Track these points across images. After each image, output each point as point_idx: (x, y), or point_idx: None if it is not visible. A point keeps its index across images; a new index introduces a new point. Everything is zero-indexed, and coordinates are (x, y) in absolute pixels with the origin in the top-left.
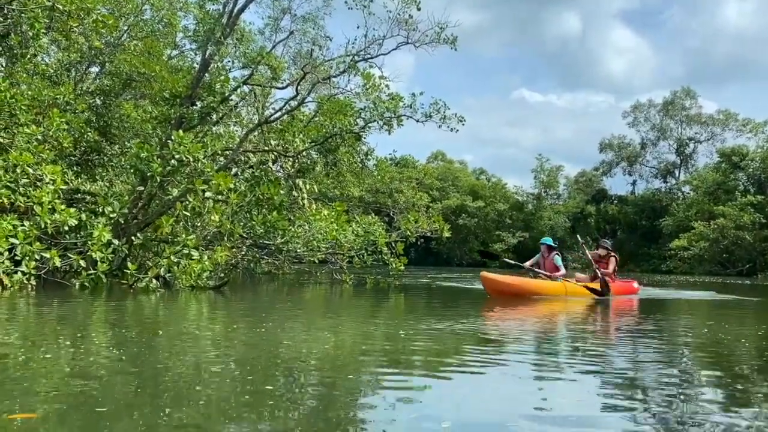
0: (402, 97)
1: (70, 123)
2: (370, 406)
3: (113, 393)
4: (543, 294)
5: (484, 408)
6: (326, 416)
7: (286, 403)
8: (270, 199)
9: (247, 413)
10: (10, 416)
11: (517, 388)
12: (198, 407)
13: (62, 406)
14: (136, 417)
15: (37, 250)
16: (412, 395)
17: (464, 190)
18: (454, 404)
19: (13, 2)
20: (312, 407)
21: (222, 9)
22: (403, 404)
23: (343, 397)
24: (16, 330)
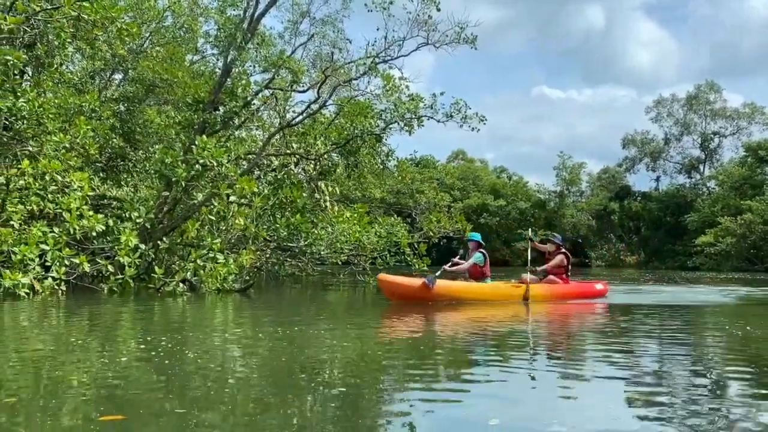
0: (422, 98)
1: (95, 130)
2: (399, 410)
3: (141, 395)
4: (458, 297)
5: (521, 407)
6: (356, 420)
7: (312, 405)
8: (293, 201)
9: (275, 415)
10: (101, 418)
11: (550, 388)
12: (226, 411)
13: (145, 408)
14: (163, 419)
15: (66, 255)
16: (442, 396)
17: (485, 189)
18: (491, 405)
19: (39, 13)
20: (340, 410)
21: (243, 14)
22: (436, 405)
23: (375, 400)
24: (53, 334)
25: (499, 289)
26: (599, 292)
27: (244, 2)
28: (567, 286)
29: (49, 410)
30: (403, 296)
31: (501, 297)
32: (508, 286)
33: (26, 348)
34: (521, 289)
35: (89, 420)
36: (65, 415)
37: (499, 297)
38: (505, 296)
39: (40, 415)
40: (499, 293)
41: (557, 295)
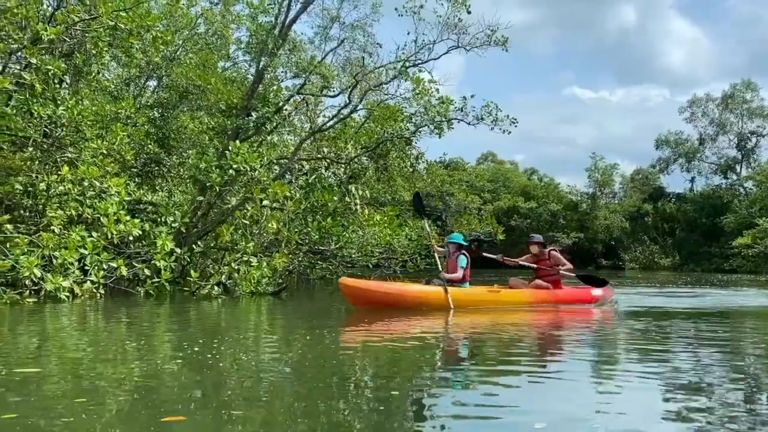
0: (452, 100)
1: (131, 136)
2: (435, 414)
3: (191, 396)
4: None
5: (564, 411)
6: (392, 425)
7: (346, 408)
8: (324, 205)
9: (310, 417)
10: (163, 419)
11: (589, 391)
12: (262, 414)
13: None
14: (219, 420)
15: (104, 259)
16: (483, 401)
17: (516, 191)
18: (533, 409)
19: (78, 23)
20: (374, 415)
21: (274, 20)
22: (478, 410)
23: (410, 404)
24: (96, 336)
25: (477, 295)
26: (597, 298)
27: (276, 9)
28: (558, 291)
29: (110, 412)
30: (369, 302)
31: (480, 303)
32: (486, 292)
33: (74, 350)
34: (501, 295)
35: (152, 421)
36: (127, 417)
37: (478, 303)
38: (485, 303)
39: (104, 416)
40: (477, 299)
41: (548, 300)
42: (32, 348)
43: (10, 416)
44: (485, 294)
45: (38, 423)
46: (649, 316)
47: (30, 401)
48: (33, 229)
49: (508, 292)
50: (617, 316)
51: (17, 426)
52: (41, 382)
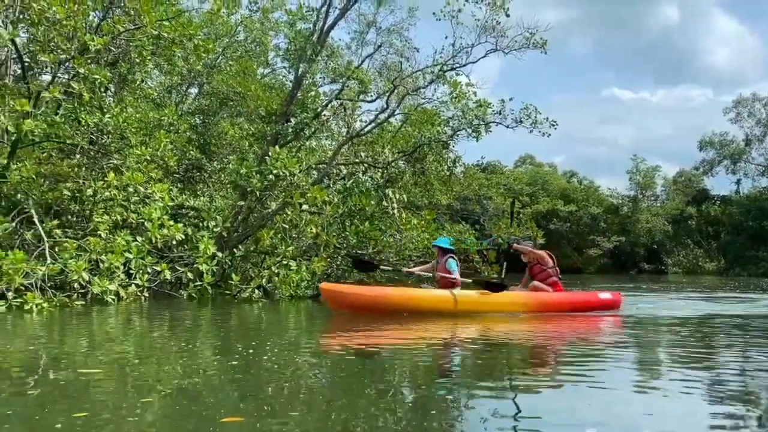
0: (490, 104)
1: (174, 142)
2: (476, 418)
3: (234, 398)
4: (417, 308)
5: (615, 416)
6: (432, 429)
7: (389, 411)
8: (362, 209)
9: (363, 419)
10: (222, 419)
11: (633, 397)
12: (316, 416)
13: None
14: (276, 421)
15: (149, 263)
16: (529, 405)
17: (555, 194)
18: (582, 414)
19: (122, 33)
20: (412, 418)
21: (312, 27)
22: (526, 414)
23: (451, 407)
24: (146, 338)
25: (467, 298)
26: (604, 303)
27: (314, 15)
28: (559, 295)
29: (173, 411)
30: (351, 306)
31: (470, 307)
32: (477, 296)
33: (126, 351)
34: (494, 298)
35: (211, 421)
36: (189, 416)
37: (467, 307)
38: (477, 306)
39: (167, 416)
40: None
41: (547, 305)
42: (88, 349)
43: (81, 414)
44: (477, 298)
45: (107, 421)
46: (695, 321)
47: (96, 400)
48: (80, 233)
49: (501, 295)
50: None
51: (89, 424)
52: (102, 382)
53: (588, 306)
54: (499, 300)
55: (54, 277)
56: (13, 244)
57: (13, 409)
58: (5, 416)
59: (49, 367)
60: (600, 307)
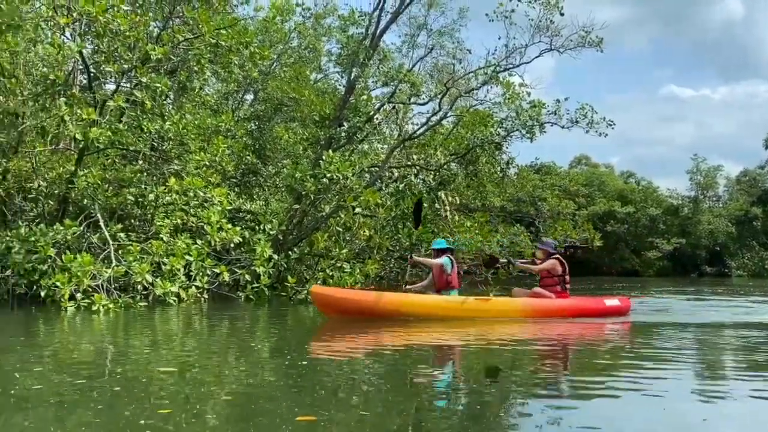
0: (544, 104)
1: (231, 148)
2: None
3: (303, 397)
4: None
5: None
6: (481, 429)
7: (451, 412)
8: None
9: (425, 419)
10: (297, 419)
11: (686, 405)
12: (387, 416)
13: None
14: (349, 420)
15: (208, 266)
16: (573, 407)
17: (612, 195)
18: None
19: (182, 42)
20: (462, 418)
21: (365, 32)
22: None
23: (503, 409)
24: (206, 338)
25: (461, 303)
26: (610, 310)
27: (366, 20)
28: (561, 302)
29: (249, 409)
30: (341, 311)
31: (464, 313)
32: (474, 301)
33: (196, 350)
34: (489, 304)
35: (286, 420)
36: (266, 414)
37: (462, 313)
38: (469, 312)
39: (245, 414)
40: (461, 308)
41: (547, 311)
42: (156, 348)
43: (165, 411)
44: (472, 303)
45: (190, 418)
46: (758, 327)
47: (175, 397)
48: (143, 237)
49: (497, 301)
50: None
51: (173, 420)
52: (175, 380)
53: (593, 313)
54: (496, 306)
55: (119, 279)
56: (81, 247)
57: (101, 406)
58: (96, 411)
59: (123, 365)
60: (606, 313)
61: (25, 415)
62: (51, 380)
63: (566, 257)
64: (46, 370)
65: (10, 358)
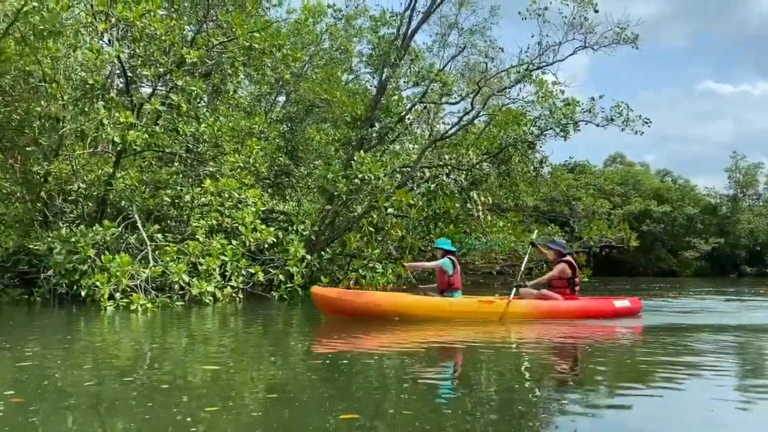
0: (578, 102)
1: (264, 149)
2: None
3: (343, 395)
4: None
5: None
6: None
7: (493, 411)
8: (446, 212)
9: (466, 418)
10: (340, 416)
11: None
12: (418, 415)
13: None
14: (390, 419)
15: (243, 266)
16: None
17: (647, 194)
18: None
19: (216, 45)
20: (505, 420)
21: (396, 32)
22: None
23: (539, 411)
24: (245, 337)
25: (463, 305)
26: (620, 312)
27: (398, 20)
28: (569, 303)
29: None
30: (340, 311)
31: (465, 315)
32: (476, 302)
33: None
34: (493, 306)
35: (329, 418)
36: (309, 411)
37: (462, 315)
38: (471, 314)
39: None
40: (462, 310)
41: (552, 313)
42: (196, 346)
43: (213, 408)
44: (475, 305)
45: (237, 415)
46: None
47: (220, 394)
48: (179, 237)
49: (501, 303)
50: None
51: (221, 417)
52: (222, 377)
53: (601, 314)
54: (500, 308)
55: (156, 279)
56: (120, 247)
57: (150, 403)
58: (145, 408)
59: (165, 364)
60: (615, 315)
61: (74, 413)
62: (95, 378)
63: (601, 257)
64: (91, 368)
65: (53, 357)
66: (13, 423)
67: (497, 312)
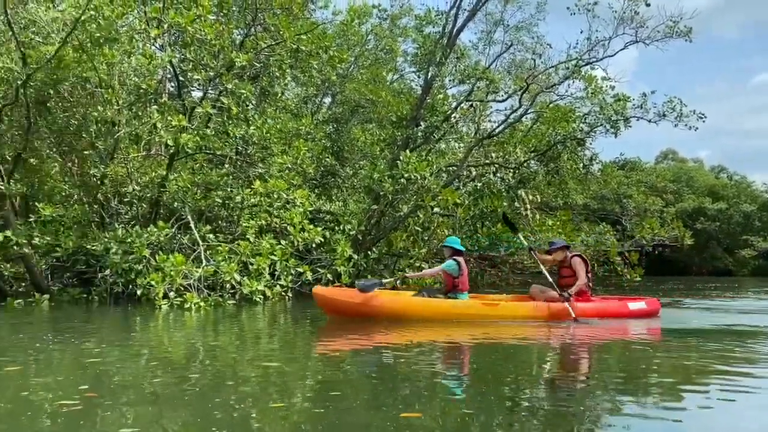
0: (629, 98)
1: (311, 150)
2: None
3: (394, 394)
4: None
5: None
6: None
7: (542, 411)
8: (493, 211)
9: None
10: (401, 415)
11: None
12: (482, 414)
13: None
14: (451, 417)
15: (292, 265)
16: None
17: (701, 191)
18: None
19: (264, 49)
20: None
21: (441, 30)
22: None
23: (588, 415)
24: (299, 335)
25: (466, 308)
26: (634, 314)
27: (443, 19)
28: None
29: (355, 404)
30: (341, 311)
31: (467, 317)
32: (479, 304)
33: (285, 347)
34: (496, 308)
35: (390, 417)
36: (370, 409)
37: (463, 317)
38: (476, 317)
39: (351, 408)
40: (466, 313)
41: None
42: (254, 344)
43: (279, 405)
44: (478, 307)
45: (303, 412)
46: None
47: (283, 391)
48: (230, 237)
49: (506, 305)
50: None
51: (287, 414)
52: (277, 375)
53: (613, 316)
54: (504, 310)
55: (208, 278)
56: (173, 247)
57: (218, 399)
58: (216, 404)
59: (225, 360)
60: (629, 317)
61: (144, 407)
62: (158, 374)
63: (654, 256)
64: (154, 365)
65: (117, 353)
66: (93, 417)
67: (502, 313)
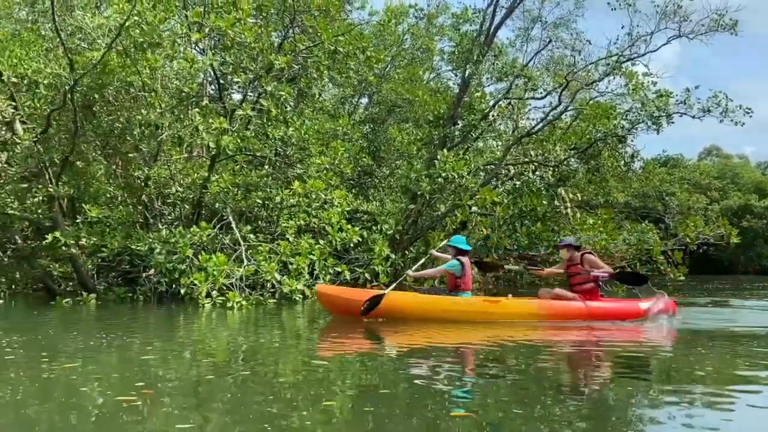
0: (672, 93)
1: (348, 151)
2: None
3: (442, 393)
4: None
5: None
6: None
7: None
8: (533, 210)
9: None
10: (452, 413)
11: None
12: (532, 413)
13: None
14: (506, 416)
15: (330, 265)
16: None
17: (747, 188)
18: None
19: (302, 50)
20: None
21: (479, 28)
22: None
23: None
24: (334, 333)
25: (467, 305)
26: (644, 314)
27: (480, 17)
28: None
29: (404, 403)
30: (345, 311)
31: (471, 316)
32: (481, 302)
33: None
34: (498, 306)
35: (441, 416)
36: (419, 410)
37: (468, 316)
38: (477, 315)
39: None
40: (466, 310)
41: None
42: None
43: (329, 403)
44: (480, 305)
45: (350, 411)
46: None
47: (333, 391)
48: (269, 237)
49: (508, 303)
50: None
51: (336, 412)
52: (326, 373)
53: (621, 316)
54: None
55: (249, 278)
56: (215, 247)
57: (270, 396)
58: (271, 400)
59: (272, 358)
60: (639, 318)
61: (199, 404)
62: (209, 372)
63: (698, 255)
64: (203, 363)
65: (167, 351)
66: (153, 414)
67: (502, 312)
